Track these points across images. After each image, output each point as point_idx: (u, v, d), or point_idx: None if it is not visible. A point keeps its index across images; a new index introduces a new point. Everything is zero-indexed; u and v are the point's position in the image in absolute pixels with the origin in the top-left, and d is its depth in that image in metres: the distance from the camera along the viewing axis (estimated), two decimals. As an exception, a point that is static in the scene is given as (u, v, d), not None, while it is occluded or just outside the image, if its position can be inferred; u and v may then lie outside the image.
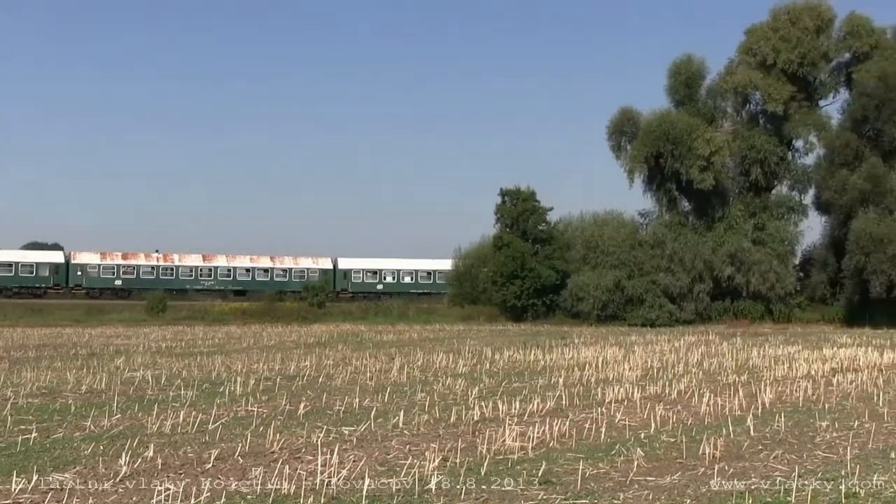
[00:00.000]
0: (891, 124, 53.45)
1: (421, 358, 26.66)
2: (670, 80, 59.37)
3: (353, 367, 23.63)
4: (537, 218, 58.35)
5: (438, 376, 21.29)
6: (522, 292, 54.54)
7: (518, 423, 13.59)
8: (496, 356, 27.47)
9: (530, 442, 12.12)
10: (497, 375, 21.84)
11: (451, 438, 12.61)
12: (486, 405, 15.59)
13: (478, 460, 11.03)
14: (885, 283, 48.84)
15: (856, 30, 57.62)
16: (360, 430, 13.24)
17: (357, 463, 10.80)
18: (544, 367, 23.99)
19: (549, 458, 11.25)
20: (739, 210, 56.66)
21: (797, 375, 21.42)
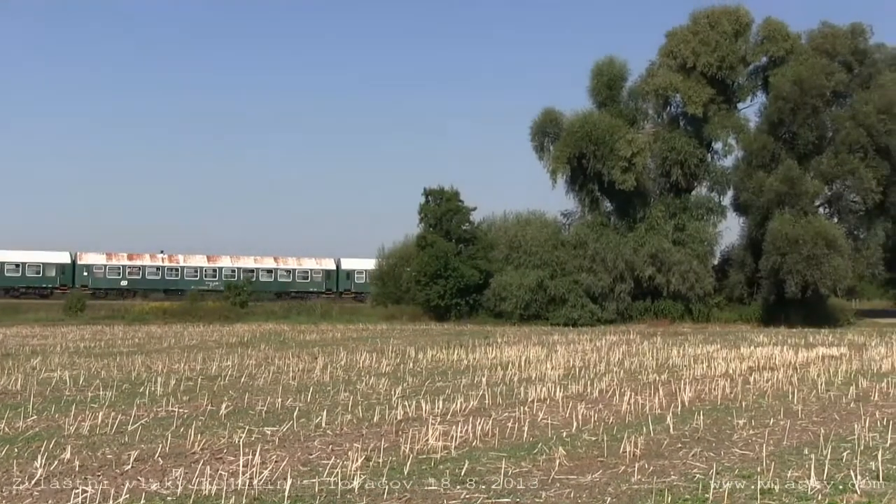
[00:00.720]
0: (805, 127, 54.50)
1: (344, 357, 26.58)
2: (592, 81, 59.82)
3: (276, 367, 23.46)
4: (461, 218, 58.43)
5: (362, 376, 21.24)
6: (446, 292, 54.57)
7: (441, 423, 13.61)
8: (419, 355, 27.47)
9: (453, 441, 12.13)
10: (420, 375, 21.84)
11: (375, 438, 12.59)
12: (409, 404, 15.58)
13: (401, 460, 11.02)
14: (800, 284, 49.71)
15: (772, 34, 58.61)
16: (282, 430, 13.15)
17: (279, 463, 10.72)
18: (467, 367, 24.03)
19: (471, 457, 11.27)
20: (660, 211, 57.27)
21: (716, 374, 21.72)
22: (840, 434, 12.97)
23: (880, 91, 54.07)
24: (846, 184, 54.55)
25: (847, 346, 32.99)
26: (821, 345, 33.44)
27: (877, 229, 55.91)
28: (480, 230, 59.32)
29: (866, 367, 23.73)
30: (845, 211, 56.67)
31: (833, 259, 49.61)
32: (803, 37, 59.14)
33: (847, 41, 57.24)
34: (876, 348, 30.96)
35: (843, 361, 25.31)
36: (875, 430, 13.15)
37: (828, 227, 51.29)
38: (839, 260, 50.12)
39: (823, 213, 56.55)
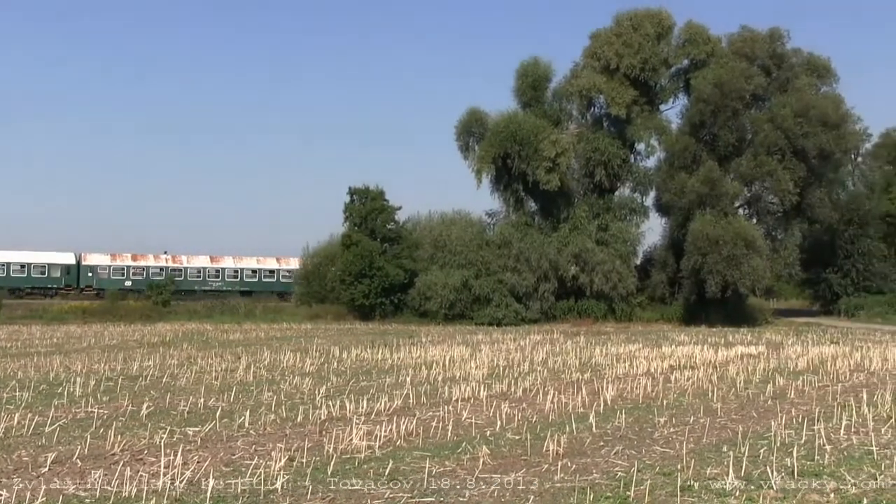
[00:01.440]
0: (726, 130, 55.29)
1: (268, 357, 26.42)
2: (517, 82, 60.00)
3: (199, 367, 23.26)
4: (386, 217, 58.33)
5: (285, 375, 21.14)
6: (370, 291, 54.43)
7: (365, 422, 13.60)
8: (344, 355, 27.41)
9: (377, 441, 12.13)
10: (345, 374, 21.80)
11: (298, 438, 12.54)
12: (333, 404, 15.54)
13: (325, 460, 11.00)
14: (720, 284, 50.40)
15: (693, 37, 59.33)
16: (204, 431, 13.05)
17: (201, 464, 10.64)
18: (392, 366, 24.03)
19: (396, 456, 11.29)
20: (584, 211, 57.66)
21: (637, 373, 21.98)
22: (757, 431, 13.20)
23: (797, 94, 55.01)
24: (765, 185, 55.40)
25: (765, 344, 33.61)
26: (739, 344, 34.02)
27: (794, 230, 56.90)
28: (405, 229, 59.26)
29: (783, 366, 24.19)
30: (764, 212, 57.62)
31: (752, 259, 50.36)
32: (724, 40, 59.94)
33: (766, 45, 58.16)
34: (792, 347, 31.61)
35: (760, 360, 25.78)
36: (791, 428, 13.42)
37: (747, 227, 52.04)
38: (758, 260, 50.91)
39: (743, 214, 57.34)
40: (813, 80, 57.30)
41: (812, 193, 55.81)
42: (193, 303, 65.33)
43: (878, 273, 67.26)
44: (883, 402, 15.90)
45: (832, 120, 53.62)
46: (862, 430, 13.19)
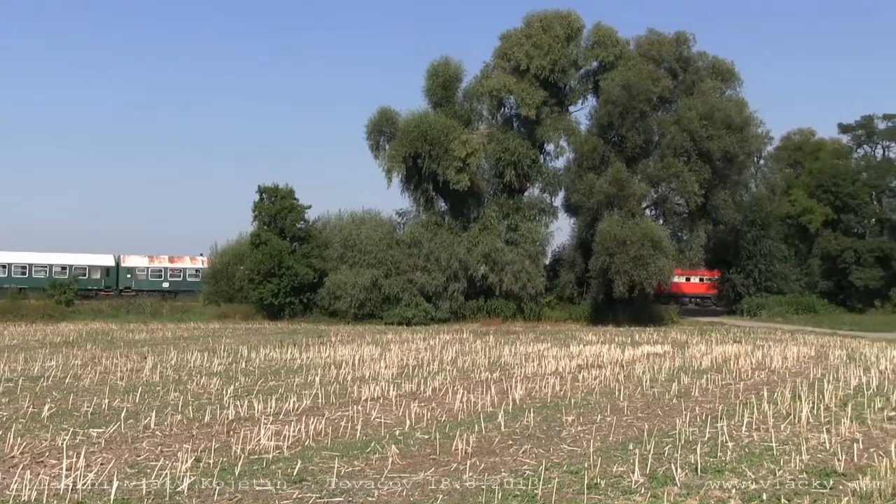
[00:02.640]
0: (633, 131, 55.98)
1: (175, 357, 26.08)
2: (428, 81, 60.01)
3: (103, 367, 22.87)
4: (295, 216, 57.92)
5: (193, 375, 20.90)
6: (280, 290, 54.00)
7: (274, 422, 13.53)
8: (252, 355, 27.19)
9: (286, 441, 12.07)
10: (253, 374, 21.63)
11: (205, 438, 12.41)
12: (241, 404, 15.42)
13: (232, 460, 10.91)
14: (627, 284, 50.96)
15: (602, 40, 59.91)
16: (109, 432, 12.84)
17: (105, 466, 10.47)
18: (301, 366, 23.91)
19: (304, 456, 11.24)
20: (494, 211, 57.85)
21: (546, 372, 22.17)
22: (662, 429, 13.42)
23: (702, 98, 55.95)
24: (671, 186, 56.18)
25: (670, 344, 34.14)
26: (646, 343, 34.50)
27: (699, 231, 57.83)
28: (315, 228, 58.91)
29: (688, 365, 24.60)
30: (670, 213, 58.43)
31: (658, 259, 51.03)
32: (632, 43, 60.63)
33: (672, 48, 59.03)
34: (697, 346, 32.13)
35: (666, 359, 26.17)
36: (695, 425, 13.66)
37: (654, 228, 52.68)
38: (664, 260, 51.62)
39: (650, 214, 58.04)
40: (717, 84, 58.33)
41: (716, 195, 56.83)
42: (98, 302, 64.14)
43: (779, 273, 68.85)
44: (783, 400, 16.26)
45: (736, 123, 54.63)
46: (762, 427, 13.48)
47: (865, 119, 77.61)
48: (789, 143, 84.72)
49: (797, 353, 28.91)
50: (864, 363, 25.02)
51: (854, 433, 13.14)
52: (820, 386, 18.40)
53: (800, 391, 17.43)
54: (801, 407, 14.77)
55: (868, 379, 20.20)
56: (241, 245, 62.65)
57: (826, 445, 12.06)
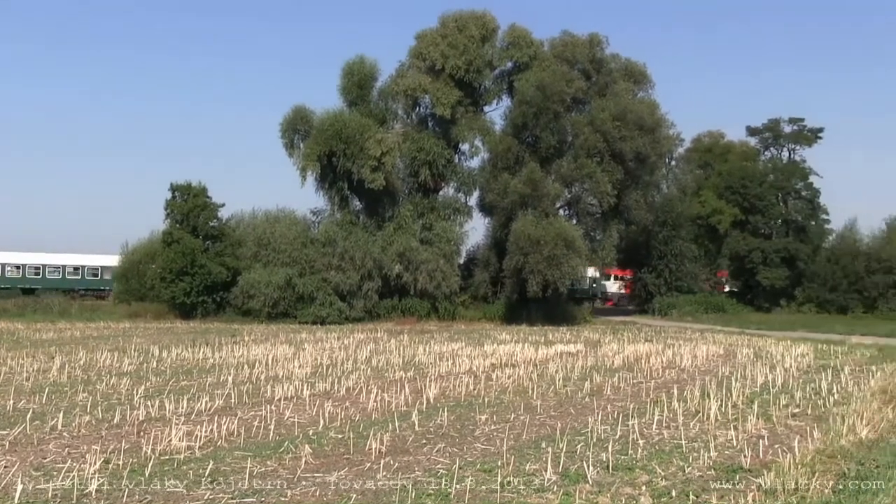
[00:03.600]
0: (548, 131, 56.37)
1: (83, 357, 25.61)
2: (343, 80, 59.79)
3: (8, 368, 22.39)
4: (208, 214, 57.23)
5: (102, 375, 20.57)
6: (192, 289, 53.35)
7: (186, 423, 13.38)
8: (164, 354, 26.85)
9: (198, 441, 11.95)
10: (164, 374, 21.37)
11: (115, 439, 12.23)
12: (152, 404, 15.22)
13: (142, 461, 10.76)
14: (541, 283, 51.26)
15: (517, 41, 60.27)
16: (13, 434, 12.57)
17: (9, 468, 10.26)
18: (213, 365, 23.69)
19: (216, 456, 11.13)
20: (409, 210, 57.83)
21: (460, 371, 22.25)
22: (575, 427, 13.55)
23: (615, 99, 56.58)
24: (584, 187, 56.67)
25: (583, 343, 34.48)
26: (559, 342, 34.81)
27: (611, 231, 58.46)
28: (229, 227, 58.30)
29: (600, 363, 24.88)
30: (583, 213, 58.98)
31: (572, 259, 51.48)
32: (546, 44, 61.07)
33: (586, 50, 59.60)
34: (609, 345, 32.52)
35: (579, 358, 26.44)
36: (606, 423, 13.82)
37: (567, 228, 53.06)
38: (577, 260, 52.11)
39: (563, 214, 58.52)
40: (630, 86, 59.10)
41: (629, 195, 57.53)
42: (3, 300, 62.73)
43: (689, 273, 69.99)
44: (692, 398, 16.53)
45: (648, 124, 55.38)
46: (672, 425, 13.69)
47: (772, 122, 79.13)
48: (699, 144, 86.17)
49: (706, 351, 29.41)
50: (771, 361, 25.55)
51: (760, 430, 13.41)
52: (728, 384, 18.73)
53: (709, 389, 17.72)
54: (710, 405, 15.03)
55: (774, 377, 20.64)
56: (152, 243, 61.80)
57: (733, 442, 12.29)
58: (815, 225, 75.78)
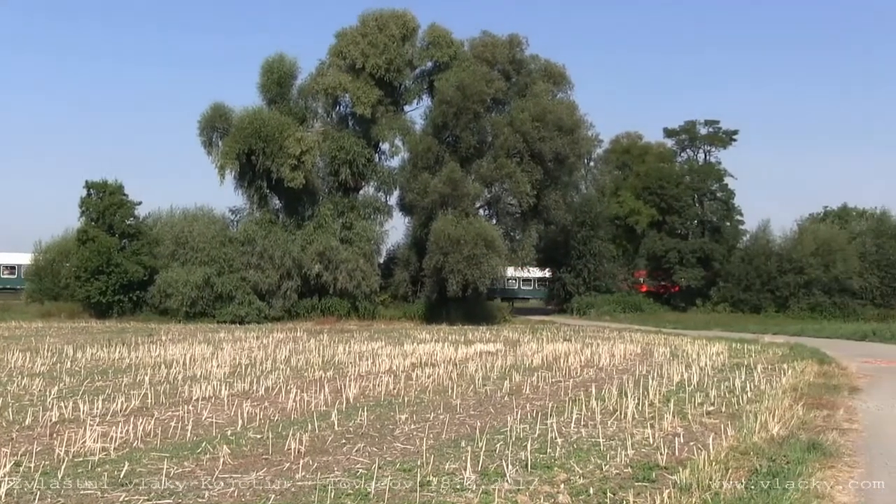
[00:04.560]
0: (468, 131, 56.54)
1: (-6, 357, 25.08)
2: (262, 78, 59.33)
3: (-86, 370, 21.82)
4: (125, 212, 56.40)
5: (13, 376, 20.14)
6: (108, 288, 52.56)
7: (100, 424, 13.18)
8: (78, 354, 26.39)
9: (113, 443, 11.77)
10: (79, 374, 21.00)
11: (26, 442, 12.00)
12: (65, 405, 14.96)
13: (55, 463, 10.56)
14: (461, 283, 51.40)
15: (437, 40, 60.40)
16: (-80, 438, 12.26)
17: (-84, 473, 9.99)
18: (130, 365, 23.35)
19: (132, 458, 10.98)
20: (329, 209, 57.59)
21: (380, 371, 22.22)
22: (494, 426, 13.60)
23: (535, 100, 56.92)
24: (504, 187, 56.95)
25: (503, 342, 34.64)
26: (479, 341, 34.93)
27: (531, 230, 58.83)
28: (146, 225, 57.53)
29: (519, 363, 25.01)
30: (503, 213, 59.33)
31: (491, 259, 51.70)
32: (466, 44, 61.30)
33: (505, 51, 59.94)
34: (528, 344, 32.72)
35: (498, 357, 26.54)
36: (526, 422, 13.90)
37: (487, 228, 53.29)
38: (497, 260, 52.34)
39: (483, 214, 58.78)
40: (549, 87, 59.51)
41: (548, 195, 57.90)
42: None
43: (607, 273, 70.84)
44: (610, 396, 16.70)
45: (567, 125, 55.79)
46: (590, 423, 13.82)
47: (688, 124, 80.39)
48: (618, 146, 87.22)
49: (624, 350, 29.74)
50: (686, 360, 25.90)
51: (676, 428, 13.59)
52: (645, 383, 18.94)
53: (626, 388, 17.90)
54: (628, 403, 15.20)
55: (689, 375, 20.93)
56: (66, 242, 60.76)
57: (650, 440, 12.44)
58: (730, 226, 77.23)
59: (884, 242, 69.67)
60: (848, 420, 14.96)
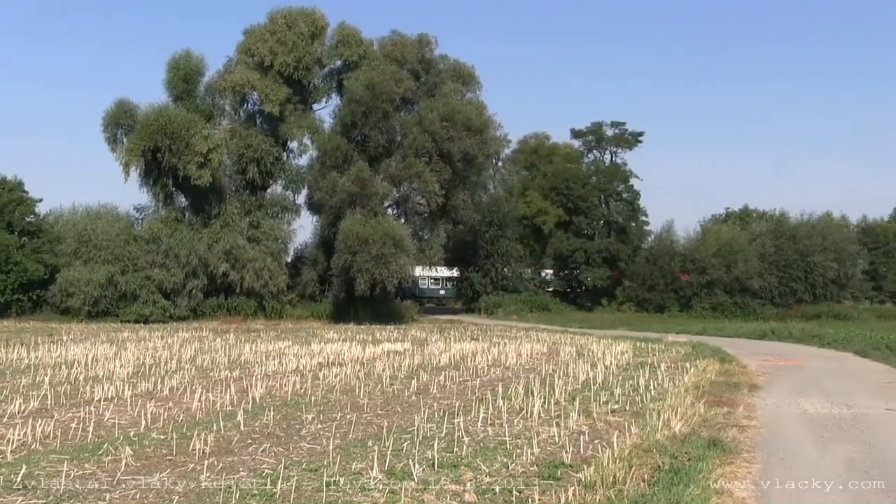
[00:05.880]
0: (377, 131, 56.47)
1: None
2: (169, 74, 58.46)
3: None
4: (24, 209, 55.21)
5: None
6: (6, 287, 51.35)
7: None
8: (-25, 355, 25.76)
9: (10, 445, 11.53)
10: (-25, 376, 20.50)
11: (-80, 445, 11.67)
12: (-39, 408, 14.59)
13: (-50, 467, 10.30)
14: (369, 282, 51.35)
15: (346, 39, 60.25)
16: None
17: None
18: (29, 366, 22.87)
19: (30, 460, 10.75)
20: (236, 208, 57.08)
21: (287, 370, 22.11)
22: (402, 426, 13.61)
23: (444, 99, 57.07)
24: (413, 186, 56.99)
25: (410, 341, 34.67)
26: (386, 341, 34.92)
27: (439, 230, 58.97)
28: (47, 223, 56.34)
29: (427, 362, 25.07)
30: (412, 212, 59.39)
31: (399, 258, 51.72)
32: (375, 43, 61.24)
33: (415, 50, 60.02)
34: (436, 344, 32.81)
35: (406, 356, 26.56)
36: (433, 421, 13.94)
37: (396, 227, 53.29)
38: (405, 259, 52.38)
39: (392, 213, 58.77)
40: (458, 87, 59.69)
41: (456, 195, 58.10)
42: None
43: (515, 273, 71.37)
44: (517, 395, 16.82)
45: (475, 125, 56.01)
46: (497, 422, 13.91)
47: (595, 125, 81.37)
48: (526, 146, 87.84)
49: (531, 350, 29.99)
50: (592, 359, 26.21)
51: (581, 426, 13.75)
52: (551, 381, 19.10)
53: (533, 387, 18.04)
54: (534, 402, 15.32)
55: (595, 374, 21.20)
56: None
57: (556, 438, 12.56)
58: (635, 226, 78.41)
59: (782, 243, 71.27)
60: (747, 417, 15.29)
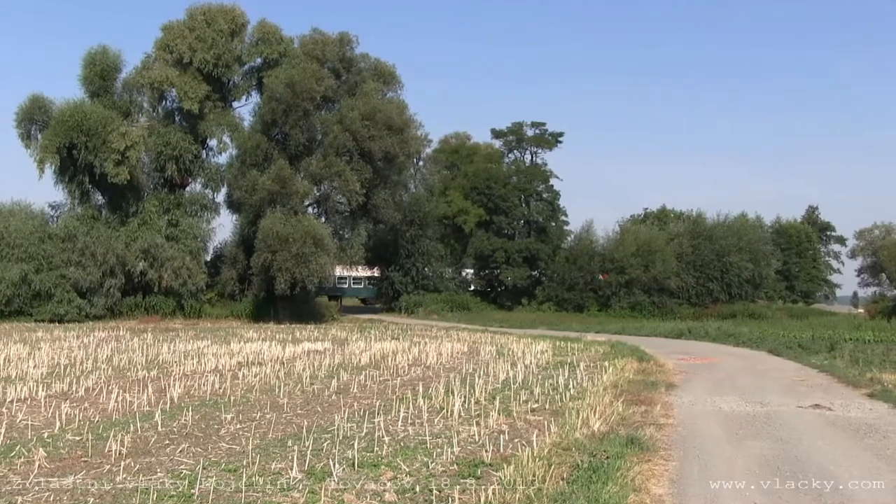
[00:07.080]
0: (297, 129, 56.25)
1: None
2: (85, 70, 57.56)
3: None
4: (-66, 206, 54.10)
5: None
6: (-87, 286, 50.23)
7: None
8: None
9: (-81, 448, 11.26)
10: None
11: None
12: None
13: None
14: (289, 281, 51.15)
15: (266, 36, 59.95)
16: None
17: None
18: (-62, 368, 22.34)
19: (-62, 464, 10.53)
20: (154, 206, 56.49)
21: (206, 370, 21.91)
22: (322, 425, 13.57)
23: (365, 98, 57.04)
24: (333, 185, 56.86)
25: (331, 341, 34.60)
26: (307, 340, 34.81)
27: (360, 229, 58.96)
28: (-42, 221, 55.17)
29: (347, 361, 25.03)
30: (332, 211, 59.27)
31: (320, 257, 51.56)
32: (296, 41, 61.01)
33: (336, 49, 59.85)
34: (356, 343, 32.78)
35: (326, 356, 26.49)
36: (353, 421, 13.92)
37: (316, 226, 53.15)
38: (326, 258, 52.23)
39: (312, 212, 58.60)
40: (379, 86, 59.71)
41: (377, 194, 58.12)
42: None
43: (436, 272, 71.56)
44: (437, 395, 16.86)
45: (397, 124, 56.10)
46: (417, 422, 13.93)
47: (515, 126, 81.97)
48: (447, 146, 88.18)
49: (451, 349, 30.08)
50: (512, 358, 26.36)
51: (501, 425, 13.83)
52: (471, 381, 19.17)
53: (453, 386, 18.10)
54: (454, 401, 15.37)
55: (515, 373, 21.32)
56: None
57: (476, 438, 12.62)
58: (555, 226, 79.15)
59: (699, 244, 72.44)
60: (664, 415, 15.51)
